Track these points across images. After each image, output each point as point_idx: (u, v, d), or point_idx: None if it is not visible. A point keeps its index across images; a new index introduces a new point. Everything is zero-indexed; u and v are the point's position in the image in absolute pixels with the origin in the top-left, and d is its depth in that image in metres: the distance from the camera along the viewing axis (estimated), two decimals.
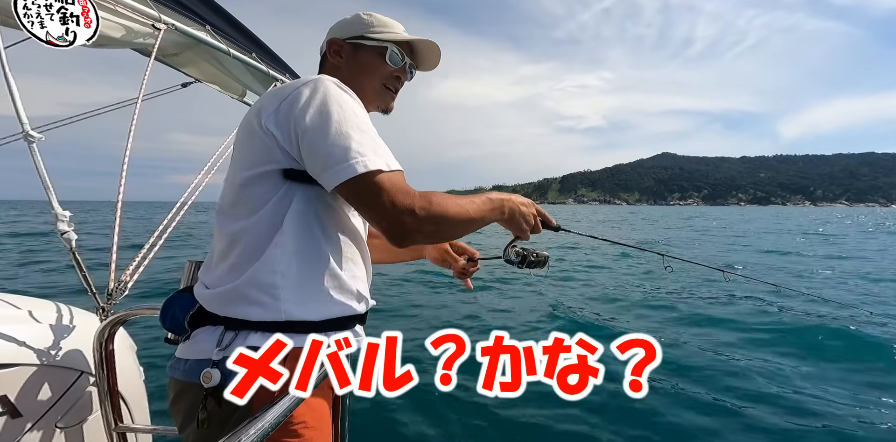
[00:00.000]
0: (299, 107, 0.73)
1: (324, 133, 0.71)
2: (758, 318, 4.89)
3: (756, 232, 22.42)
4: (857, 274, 8.11)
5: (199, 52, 2.02)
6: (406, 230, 0.72)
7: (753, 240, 17.23)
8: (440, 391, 3.23)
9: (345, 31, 0.95)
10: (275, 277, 0.74)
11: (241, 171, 0.77)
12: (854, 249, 11.04)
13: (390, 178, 0.72)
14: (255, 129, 0.76)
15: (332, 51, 0.95)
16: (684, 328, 4.66)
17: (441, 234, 0.79)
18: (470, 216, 0.79)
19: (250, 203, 0.77)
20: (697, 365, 3.50)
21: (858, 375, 3.43)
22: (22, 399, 0.96)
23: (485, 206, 0.83)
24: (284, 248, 0.75)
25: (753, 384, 3.16)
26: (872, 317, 4.77)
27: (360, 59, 0.94)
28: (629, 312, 5.44)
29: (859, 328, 4.34)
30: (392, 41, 0.94)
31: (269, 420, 0.57)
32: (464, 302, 5.83)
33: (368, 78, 0.94)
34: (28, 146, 1.23)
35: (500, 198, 0.88)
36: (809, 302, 5.33)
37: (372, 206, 0.72)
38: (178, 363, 0.75)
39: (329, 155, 0.70)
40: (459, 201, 0.79)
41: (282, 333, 0.72)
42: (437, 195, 0.76)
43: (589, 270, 8.71)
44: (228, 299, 0.74)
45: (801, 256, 11.29)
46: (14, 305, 1.13)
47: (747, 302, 5.64)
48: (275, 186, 0.76)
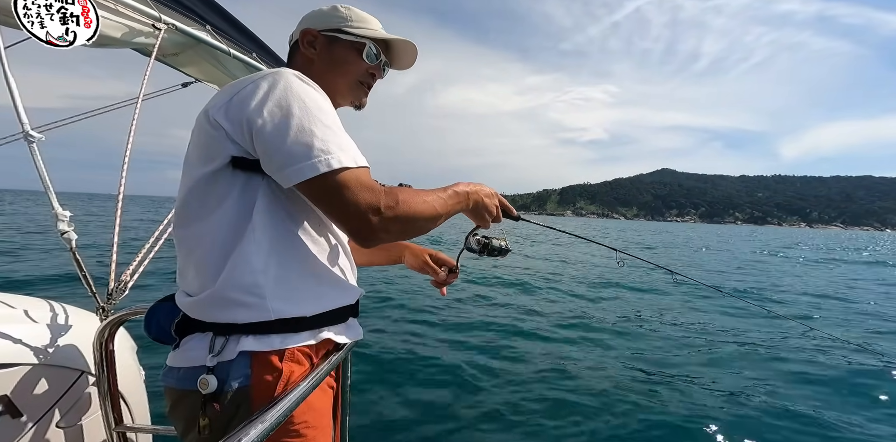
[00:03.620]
0: (256, 101, 0.69)
1: (284, 130, 0.67)
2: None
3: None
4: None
5: (200, 52, 2.02)
6: (373, 230, 0.70)
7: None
8: (440, 391, 3.22)
9: (321, 22, 0.91)
10: (256, 276, 0.71)
11: (194, 170, 0.74)
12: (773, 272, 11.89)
13: (356, 175, 0.69)
14: (204, 125, 0.72)
15: (305, 41, 0.91)
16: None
17: (408, 232, 0.76)
18: (436, 212, 0.78)
19: (206, 203, 0.73)
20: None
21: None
22: (22, 399, 0.96)
23: (451, 201, 0.83)
24: (259, 245, 0.72)
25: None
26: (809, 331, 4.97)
27: (335, 53, 0.90)
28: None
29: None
30: (371, 38, 0.91)
31: (270, 420, 0.57)
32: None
33: (342, 73, 0.91)
34: (28, 146, 1.23)
35: (466, 191, 0.87)
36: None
37: (336, 206, 0.69)
38: (172, 372, 0.73)
39: (290, 152, 0.67)
40: (426, 197, 0.77)
41: (275, 333, 0.71)
42: (403, 192, 0.73)
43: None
44: (211, 305, 0.71)
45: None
46: (14, 304, 1.13)
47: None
48: (231, 183, 0.73)
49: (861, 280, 10.90)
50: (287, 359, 0.72)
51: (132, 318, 1.10)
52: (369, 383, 3.11)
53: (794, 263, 15.64)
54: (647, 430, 2.62)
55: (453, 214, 0.85)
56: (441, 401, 2.91)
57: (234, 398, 0.69)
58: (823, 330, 4.70)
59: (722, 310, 6.18)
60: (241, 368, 0.69)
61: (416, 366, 3.51)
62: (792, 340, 4.69)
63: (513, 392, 3.08)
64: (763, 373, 3.66)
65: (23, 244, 8.95)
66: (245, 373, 0.69)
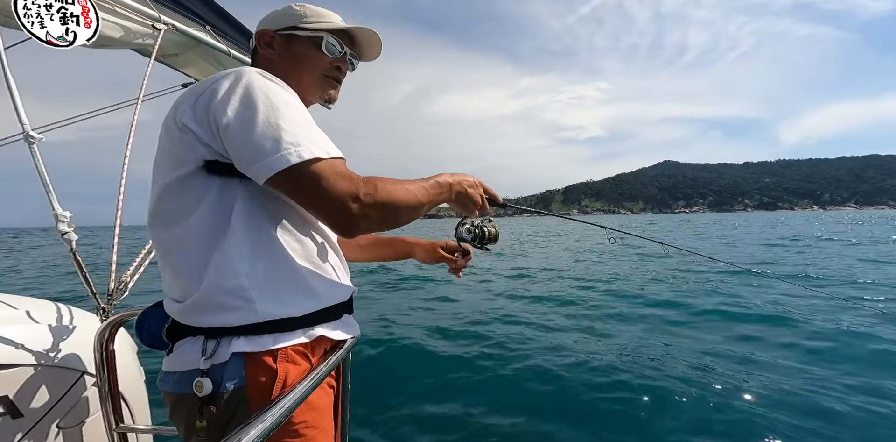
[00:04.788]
0: (219, 99, 0.68)
1: (249, 126, 0.67)
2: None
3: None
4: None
5: (200, 53, 2.02)
6: (353, 218, 0.69)
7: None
8: (439, 392, 3.20)
9: (276, 22, 0.90)
10: (240, 280, 0.70)
11: (164, 174, 0.73)
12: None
13: (331, 164, 0.68)
14: (172, 128, 0.72)
15: (262, 43, 0.90)
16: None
17: (388, 220, 0.75)
18: (418, 200, 0.77)
19: (179, 207, 0.72)
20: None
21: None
22: (23, 400, 0.96)
23: (433, 190, 0.82)
24: (241, 248, 0.71)
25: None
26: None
27: (294, 51, 0.90)
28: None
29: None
30: (326, 30, 0.90)
31: (270, 420, 0.57)
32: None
33: (306, 69, 0.90)
34: (28, 147, 1.23)
35: (448, 181, 0.87)
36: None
37: (312, 196, 0.68)
38: (168, 376, 0.73)
39: (258, 148, 0.66)
40: (407, 186, 0.76)
41: (267, 333, 0.71)
42: (382, 180, 0.72)
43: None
44: (200, 310, 0.70)
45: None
46: (15, 305, 1.13)
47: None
48: (206, 186, 0.72)
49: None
50: (281, 359, 0.72)
51: (132, 318, 1.10)
52: (369, 384, 3.11)
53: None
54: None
55: (436, 204, 0.85)
56: (440, 401, 2.91)
57: (231, 400, 0.69)
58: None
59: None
60: (236, 370, 0.69)
61: (417, 366, 3.51)
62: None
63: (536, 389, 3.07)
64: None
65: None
66: (239, 374, 0.69)
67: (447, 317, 5.12)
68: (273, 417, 0.58)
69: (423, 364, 3.56)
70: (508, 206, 1.12)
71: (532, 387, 3.10)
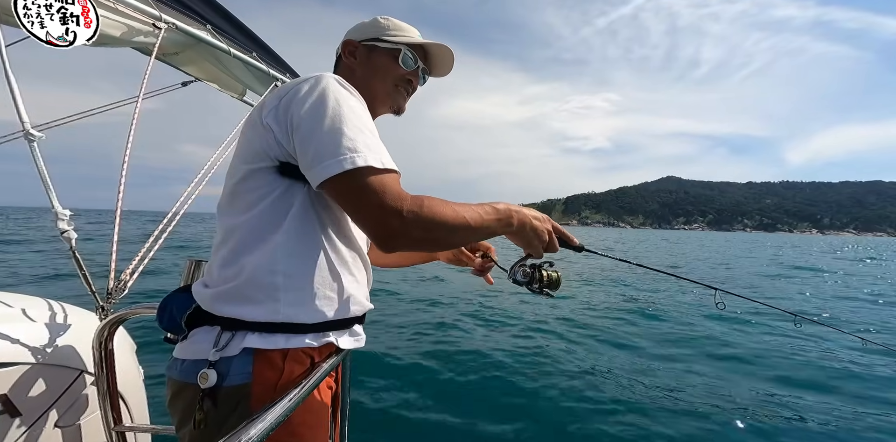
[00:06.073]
0: (296, 101, 0.72)
1: (316, 127, 0.69)
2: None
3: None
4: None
5: (200, 52, 2.02)
6: (392, 234, 0.68)
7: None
8: (439, 392, 3.21)
9: (361, 33, 0.97)
10: (276, 278, 0.73)
11: (241, 165, 0.77)
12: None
13: (381, 178, 0.69)
14: (257, 124, 0.76)
15: (346, 52, 0.96)
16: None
17: (431, 241, 0.73)
18: (467, 224, 0.74)
19: (247, 198, 0.76)
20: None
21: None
22: (21, 398, 0.96)
23: (488, 216, 0.77)
24: (287, 248, 0.74)
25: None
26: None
27: (373, 61, 0.95)
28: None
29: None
30: (405, 44, 0.95)
31: (270, 420, 0.57)
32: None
33: (380, 79, 0.95)
34: (28, 145, 1.23)
35: (509, 208, 0.82)
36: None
37: (358, 205, 0.69)
38: (175, 363, 0.75)
39: (318, 150, 0.68)
40: (457, 208, 0.74)
41: (280, 333, 0.72)
42: (431, 199, 0.71)
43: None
44: (227, 299, 0.73)
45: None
46: (13, 303, 1.13)
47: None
48: (271, 183, 0.75)
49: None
50: (290, 359, 0.73)
51: (131, 317, 1.10)
52: (370, 383, 3.11)
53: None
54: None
55: (493, 233, 0.80)
56: (440, 402, 2.91)
57: (233, 395, 0.69)
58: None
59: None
60: (243, 365, 0.70)
61: (418, 366, 3.51)
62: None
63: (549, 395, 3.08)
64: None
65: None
66: (247, 370, 0.70)
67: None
68: (274, 416, 0.58)
69: (418, 377, 3.56)
70: (587, 251, 0.97)
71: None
